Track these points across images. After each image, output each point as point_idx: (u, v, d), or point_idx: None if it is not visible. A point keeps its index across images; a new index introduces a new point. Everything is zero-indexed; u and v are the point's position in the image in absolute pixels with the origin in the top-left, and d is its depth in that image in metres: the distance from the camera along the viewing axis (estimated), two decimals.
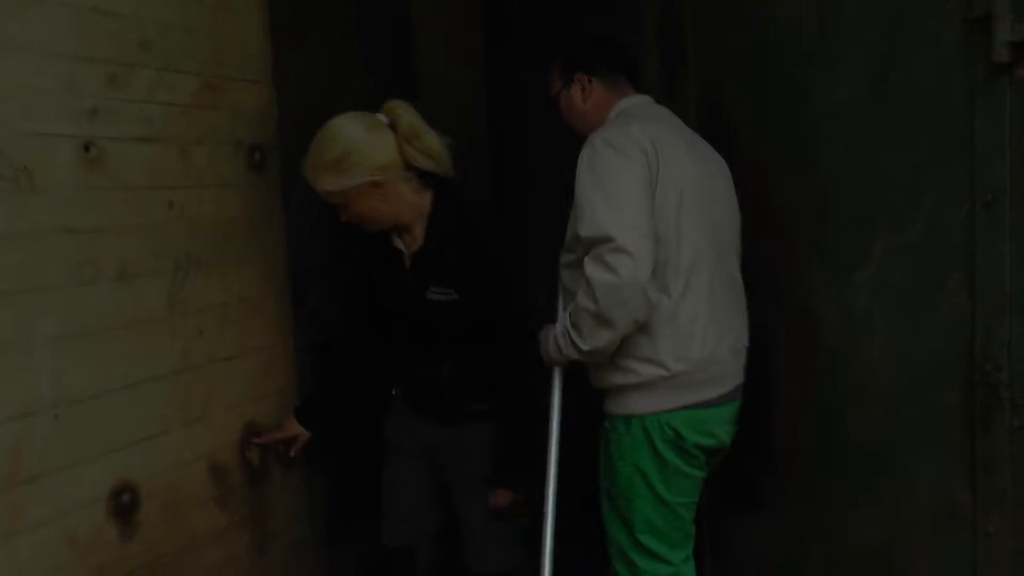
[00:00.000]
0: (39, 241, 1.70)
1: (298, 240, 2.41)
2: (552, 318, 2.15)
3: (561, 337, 2.04)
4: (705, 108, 2.49)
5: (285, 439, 2.29)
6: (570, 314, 2.00)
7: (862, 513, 2.12)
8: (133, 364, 1.90)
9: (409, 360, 2.28)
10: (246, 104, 2.24)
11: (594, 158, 1.99)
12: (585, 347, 1.98)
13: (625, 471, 2.08)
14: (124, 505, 1.88)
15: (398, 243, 2.20)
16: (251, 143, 2.25)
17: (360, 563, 2.58)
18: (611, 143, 1.99)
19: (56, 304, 1.73)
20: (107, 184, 1.84)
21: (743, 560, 2.56)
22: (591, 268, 1.90)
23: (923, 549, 1.98)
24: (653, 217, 1.96)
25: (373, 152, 2.05)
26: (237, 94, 2.21)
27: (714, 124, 2.40)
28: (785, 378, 2.30)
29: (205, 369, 2.10)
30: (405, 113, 2.09)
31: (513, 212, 3.12)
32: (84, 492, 1.80)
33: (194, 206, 2.06)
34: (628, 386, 2.05)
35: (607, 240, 1.88)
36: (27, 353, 1.67)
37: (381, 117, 2.10)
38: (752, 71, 2.32)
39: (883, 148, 1.94)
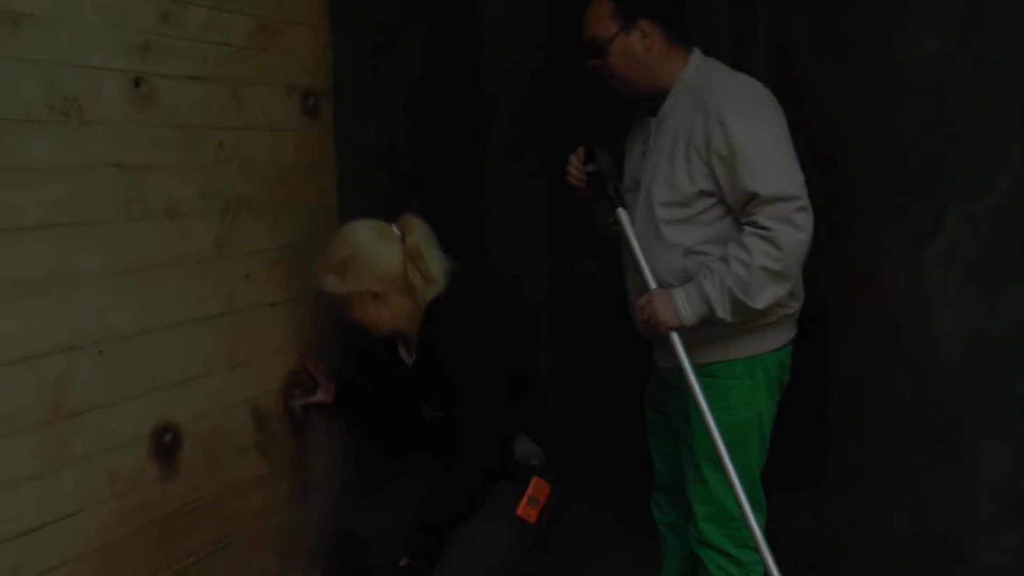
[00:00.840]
0: (87, 175, 1.68)
1: (349, 189, 2.37)
2: (599, 283, 2.10)
3: (710, 300, 1.93)
4: (775, 64, 2.38)
5: (323, 403, 2.28)
6: (723, 275, 1.92)
7: (919, 494, 2.04)
8: (179, 304, 1.89)
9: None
10: (301, 48, 2.20)
11: (753, 110, 1.97)
12: (757, 304, 1.91)
13: (745, 416, 2.05)
14: (166, 445, 1.88)
15: (401, 351, 2.22)
16: (305, 88, 2.22)
17: None
18: (759, 96, 2.00)
19: (103, 239, 1.72)
20: (157, 121, 1.82)
21: (790, 538, 2.47)
22: (778, 227, 1.88)
23: (983, 537, 1.90)
24: None
25: (378, 262, 2.05)
26: (292, 37, 2.17)
27: (784, 81, 2.29)
28: (845, 349, 2.21)
29: (251, 314, 2.08)
30: (416, 230, 2.09)
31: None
32: (127, 430, 1.79)
33: (245, 148, 2.03)
34: (757, 326, 2.01)
35: (793, 198, 1.89)
36: (73, 287, 1.67)
37: (394, 229, 2.08)
38: (827, 22, 2.19)
39: (968, 106, 1.82)
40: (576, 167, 2.17)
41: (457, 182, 2.89)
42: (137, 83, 1.77)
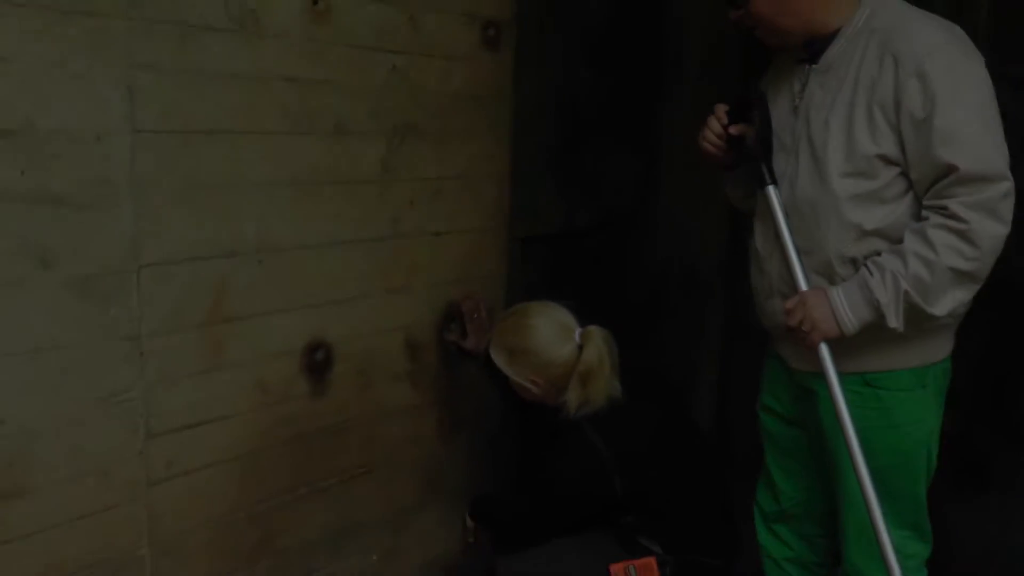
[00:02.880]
0: (259, 85, 1.70)
1: (523, 126, 2.31)
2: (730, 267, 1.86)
3: (881, 305, 1.60)
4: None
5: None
6: (898, 275, 1.59)
7: None
8: (340, 223, 1.90)
9: None
10: None
11: (961, 63, 1.61)
12: (936, 311, 1.59)
13: (916, 435, 1.76)
14: (317, 362, 1.90)
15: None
16: (486, 18, 2.16)
17: None
18: (967, 48, 1.64)
19: (269, 150, 1.74)
20: (331, 38, 1.81)
21: (965, 544, 2.21)
22: (976, 218, 1.54)
23: None
24: None
25: (548, 363, 1.96)
26: None
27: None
28: None
29: (412, 240, 2.06)
30: (596, 349, 1.95)
31: None
32: (280, 341, 1.83)
33: (418, 73, 2.01)
34: (930, 331, 1.70)
35: (1000, 179, 1.56)
36: (238, 194, 1.70)
37: (576, 334, 1.97)
38: None
39: None
40: (716, 130, 1.84)
41: (634, 135, 2.76)
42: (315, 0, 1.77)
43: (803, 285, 1.70)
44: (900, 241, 1.63)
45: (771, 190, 1.75)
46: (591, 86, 2.55)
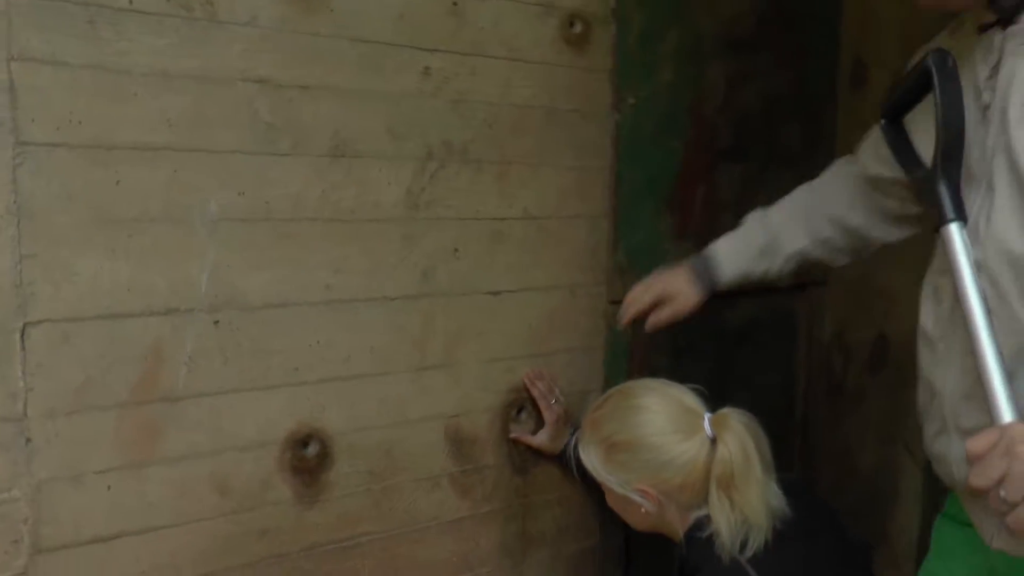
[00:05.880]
0: (214, 90, 1.28)
1: (629, 150, 1.74)
2: None
3: None
4: None
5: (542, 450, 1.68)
6: None
7: None
8: (343, 273, 1.42)
9: None
10: None
11: None
12: None
13: None
14: (307, 458, 1.42)
15: None
16: (571, 8, 1.65)
17: None
18: None
19: (229, 174, 1.30)
20: (328, 30, 1.37)
21: None
22: None
23: None
24: None
25: (664, 466, 1.39)
26: None
27: None
28: None
29: (457, 301, 1.55)
30: (735, 442, 1.36)
31: None
32: (248, 430, 1.36)
33: (465, 79, 1.52)
34: None
35: None
36: (182, 232, 1.27)
37: (706, 421, 1.40)
38: None
39: None
40: None
41: (796, 159, 2.08)
42: None
43: (1006, 412, 0.91)
44: None
45: (955, 230, 1.01)
46: (729, 94, 1.92)
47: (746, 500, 1.34)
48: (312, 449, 1.43)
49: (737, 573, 1.31)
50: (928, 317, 1.16)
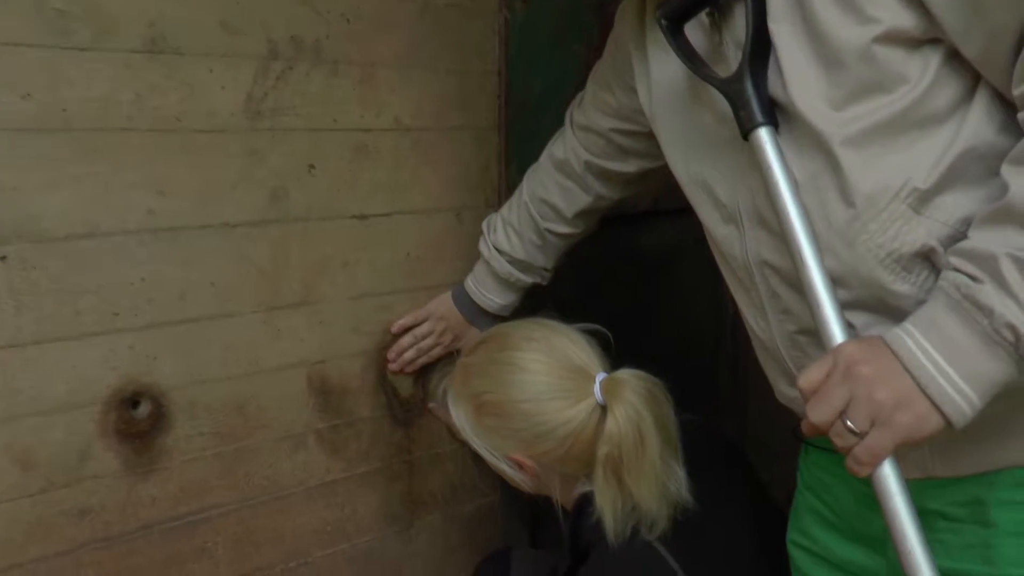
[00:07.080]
0: None
1: (522, 54, 1.52)
2: None
3: (1013, 328, 0.73)
4: None
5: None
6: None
7: None
8: (165, 196, 1.17)
9: None
10: None
11: None
12: None
13: None
14: (137, 420, 1.18)
15: None
16: None
17: None
18: None
19: (13, 72, 1.04)
20: None
21: None
22: None
23: None
24: None
25: (541, 438, 1.17)
26: None
27: None
28: None
29: (315, 226, 1.31)
30: (627, 418, 1.11)
31: None
32: (60, 388, 1.11)
33: None
34: None
35: None
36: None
37: (596, 384, 1.15)
38: None
39: None
40: None
41: None
42: None
43: (837, 334, 0.82)
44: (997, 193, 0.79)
45: (765, 134, 0.88)
46: None
47: (637, 486, 1.11)
48: (143, 409, 1.18)
49: (645, 557, 1.12)
50: (730, 250, 1.01)
